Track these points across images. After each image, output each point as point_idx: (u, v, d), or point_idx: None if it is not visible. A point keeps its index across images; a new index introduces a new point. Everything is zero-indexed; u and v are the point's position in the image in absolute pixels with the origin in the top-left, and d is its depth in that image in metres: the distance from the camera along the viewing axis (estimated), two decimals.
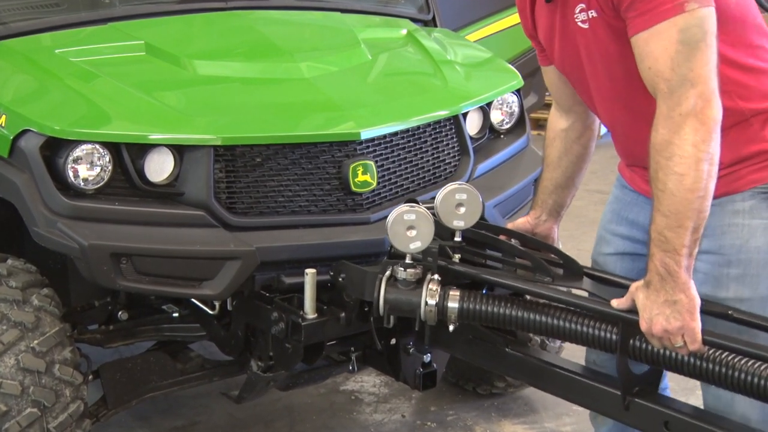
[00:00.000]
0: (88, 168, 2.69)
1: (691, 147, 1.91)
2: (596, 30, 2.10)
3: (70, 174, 2.68)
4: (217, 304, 2.96)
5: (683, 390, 3.05)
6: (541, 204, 2.58)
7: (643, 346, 2.12)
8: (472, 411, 3.83)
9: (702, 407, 2.26)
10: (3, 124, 2.78)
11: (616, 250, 2.43)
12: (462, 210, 2.45)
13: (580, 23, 2.13)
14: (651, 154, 1.97)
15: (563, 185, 2.55)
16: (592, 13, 2.09)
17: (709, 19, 1.94)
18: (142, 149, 2.73)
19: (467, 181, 3.15)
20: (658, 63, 1.95)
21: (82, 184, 2.69)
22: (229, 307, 2.96)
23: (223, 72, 3.13)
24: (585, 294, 2.32)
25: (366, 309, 2.65)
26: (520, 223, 2.62)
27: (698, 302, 1.99)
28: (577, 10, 2.12)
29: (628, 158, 2.36)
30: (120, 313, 3.16)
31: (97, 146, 2.69)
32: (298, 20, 3.78)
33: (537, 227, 2.60)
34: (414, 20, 3.97)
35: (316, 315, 2.68)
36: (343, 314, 2.70)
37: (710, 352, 2.04)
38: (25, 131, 2.72)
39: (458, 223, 2.46)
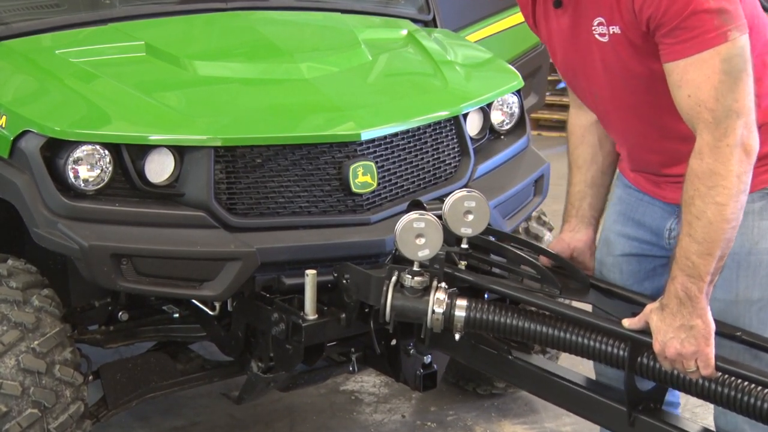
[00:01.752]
0: (88, 169, 2.69)
1: (735, 178, 1.91)
2: (616, 46, 2.05)
3: (71, 175, 2.68)
4: (217, 304, 2.96)
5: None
6: (575, 213, 2.47)
7: (651, 364, 2.11)
8: (472, 411, 3.83)
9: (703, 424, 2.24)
10: (3, 125, 2.78)
11: (623, 252, 2.40)
12: (470, 217, 2.44)
13: (597, 36, 2.07)
14: (689, 180, 1.95)
15: (599, 183, 2.45)
16: (614, 29, 2.03)
17: (747, 46, 1.92)
18: (142, 150, 2.73)
19: (467, 182, 3.15)
20: (700, 92, 1.92)
21: (83, 184, 2.69)
22: (229, 308, 2.95)
23: (224, 73, 3.13)
24: (592, 306, 2.31)
25: (366, 310, 2.65)
26: (555, 245, 2.50)
27: (713, 328, 1.98)
28: (595, 23, 2.07)
29: (635, 164, 2.34)
30: (120, 313, 3.16)
31: (98, 147, 2.69)
32: (298, 21, 3.78)
33: (572, 242, 2.47)
34: (414, 21, 3.97)
35: (316, 316, 2.68)
36: (343, 315, 2.69)
37: (718, 374, 2.04)
38: (25, 132, 2.72)
39: (466, 231, 2.45)
